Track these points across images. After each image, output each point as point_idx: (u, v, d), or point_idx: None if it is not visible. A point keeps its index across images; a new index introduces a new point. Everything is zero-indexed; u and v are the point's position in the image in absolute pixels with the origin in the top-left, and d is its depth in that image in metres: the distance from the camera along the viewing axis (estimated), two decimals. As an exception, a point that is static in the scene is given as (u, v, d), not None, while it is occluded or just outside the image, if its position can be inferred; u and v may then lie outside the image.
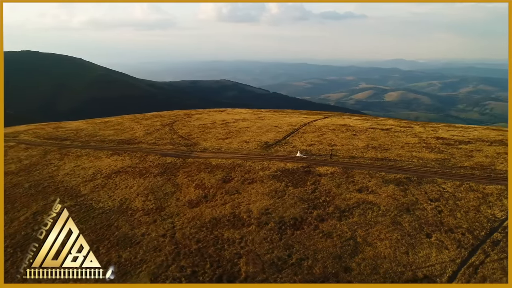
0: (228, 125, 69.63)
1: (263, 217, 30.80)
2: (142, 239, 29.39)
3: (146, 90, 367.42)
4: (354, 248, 25.73)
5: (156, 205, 35.38)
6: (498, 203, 29.53)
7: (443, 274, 22.51)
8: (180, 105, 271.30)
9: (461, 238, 25.70)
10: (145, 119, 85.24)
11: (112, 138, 64.69)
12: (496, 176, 34.93)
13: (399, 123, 66.26)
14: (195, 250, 27.27)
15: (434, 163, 39.49)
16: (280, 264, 24.80)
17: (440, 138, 49.87)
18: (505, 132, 52.83)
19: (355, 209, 30.70)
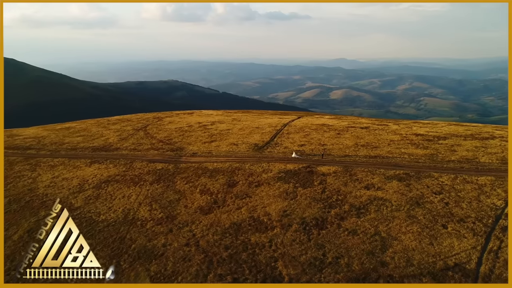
0: (206, 128, 68.63)
1: (283, 219, 31.10)
2: (165, 250, 28.26)
3: (89, 92, 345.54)
4: (382, 243, 27.01)
5: (165, 214, 34.12)
6: (494, 193, 32.65)
7: (470, 261, 24.50)
8: (129, 108, 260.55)
9: (473, 227, 28.09)
10: (112, 124, 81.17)
11: (84, 146, 60.88)
12: (483, 168, 38.52)
13: (374, 121, 70.00)
14: (227, 257, 26.85)
15: (424, 158, 42.50)
16: (318, 264, 25.32)
17: (418, 134, 53.68)
18: (472, 127, 58.19)
19: (369, 206, 32.14)
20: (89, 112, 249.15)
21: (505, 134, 51.83)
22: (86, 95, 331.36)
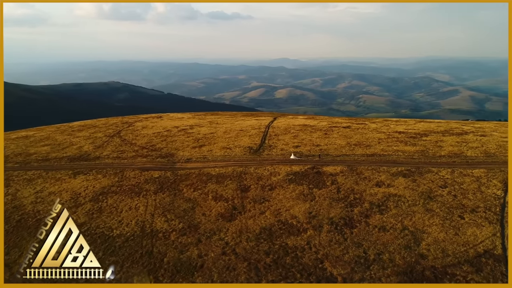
0: (187, 132, 66.94)
1: (312, 220, 31.61)
2: (203, 261, 27.32)
3: (21, 96, 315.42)
4: (414, 237, 28.63)
5: (185, 224, 32.90)
6: (491, 184, 36.11)
7: (496, 247, 26.95)
8: (69, 112, 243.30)
9: (486, 216, 30.87)
10: (78, 131, 75.97)
11: (57, 156, 56.38)
12: (472, 161, 42.34)
13: (351, 120, 73.25)
14: (271, 262, 26.70)
15: (417, 154, 45.58)
16: (364, 262, 26.18)
17: (400, 132, 57.36)
18: (443, 123, 63.38)
19: (387, 203, 33.83)
20: (25, 117, 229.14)
21: (474, 129, 57.30)
22: (17, 99, 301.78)
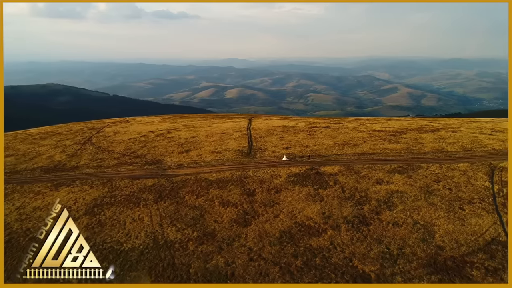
0: (166, 137, 64.83)
1: (328, 221, 32.33)
2: (233, 269, 26.86)
3: None
4: (426, 230, 30.41)
5: (200, 232, 32.04)
6: (478, 176, 39.35)
7: (500, 234, 29.51)
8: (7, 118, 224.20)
9: (483, 206, 33.64)
10: (40, 139, 70.28)
11: (27, 167, 51.98)
12: (455, 156, 45.77)
13: (327, 120, 75.43)
14: (302, 264, 26.94)
15: (404, 152, 48.30)
16: (389, 257, 27.35)
17: (380, 130, 60.29)
18: (412, 121, 67.61)
19: (392, 199, 35.55)
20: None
21: (441, 126, 61.95)
22: None
